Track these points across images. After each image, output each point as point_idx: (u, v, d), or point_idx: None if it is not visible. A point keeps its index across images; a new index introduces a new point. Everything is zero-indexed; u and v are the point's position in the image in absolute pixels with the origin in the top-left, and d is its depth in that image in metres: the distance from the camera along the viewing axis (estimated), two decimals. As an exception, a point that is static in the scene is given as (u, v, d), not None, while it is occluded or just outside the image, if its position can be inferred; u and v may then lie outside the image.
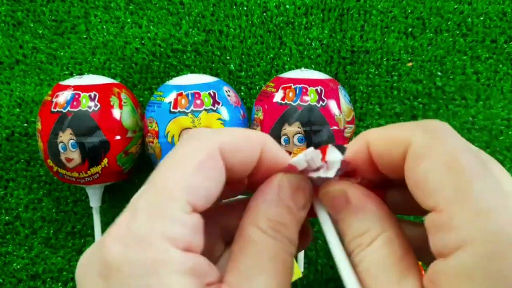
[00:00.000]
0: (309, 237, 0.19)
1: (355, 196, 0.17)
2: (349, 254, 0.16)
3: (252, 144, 0.17)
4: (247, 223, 0.16)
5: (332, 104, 0.34)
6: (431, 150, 0.14)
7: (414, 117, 0.40)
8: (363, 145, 0.17)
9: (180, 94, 0.34)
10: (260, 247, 0.15)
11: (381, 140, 0.16)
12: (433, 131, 0.15)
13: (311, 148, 0.17)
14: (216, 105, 0.34)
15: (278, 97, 0.34)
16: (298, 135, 0.33)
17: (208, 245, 0.18)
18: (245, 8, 0.42)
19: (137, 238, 0.13)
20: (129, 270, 0.13)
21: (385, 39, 0.41)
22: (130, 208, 0.15)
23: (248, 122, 0.37)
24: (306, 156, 0.17)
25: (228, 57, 0.42)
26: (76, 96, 0.34)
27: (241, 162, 0.16)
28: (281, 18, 0.41)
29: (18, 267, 0.41)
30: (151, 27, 0.42)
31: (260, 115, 0.35)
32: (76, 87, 0.35)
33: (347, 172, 0.18)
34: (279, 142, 0.34)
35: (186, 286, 0.13)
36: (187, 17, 0.42)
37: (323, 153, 0.17)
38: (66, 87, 0.35)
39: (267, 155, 0.17)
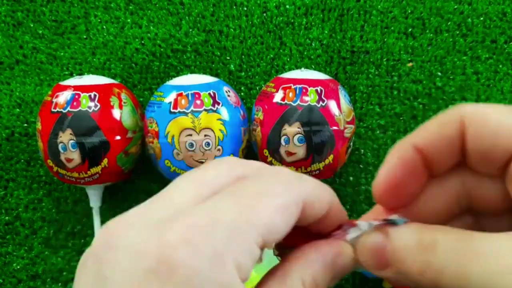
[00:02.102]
0: None
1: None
2: None
3: (325, 200, 0.16)
4: (295, 269, 0.16)
5: (332, 104, 0.34)
6: None
7: (414, 117, 0.40)
8: (455, 121, 0.16)
9: (180, 95, 0.34)
10: None
11: (488, 120, 0.15)
12: None
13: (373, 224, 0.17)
14: (216, 105, 0.34)
15: (278, 97, 0.34)
16: (298, 135, 0.33)
17: None
18: (245, 8, 0.42)
19: (214, 254, 0.13)
20: (197, 283, 0.12)
21: (385, 39, 0.41)
22: (207, 212, 0.14)
23: (248, 122, 0.37)
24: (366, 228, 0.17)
25: (228, 57, 0.42)
26: (76, 96, 0.34)
27: (310, 216, 0.16)
28: (281, 18, 0.41)
29: (18, 267, 0.41)
30: (151, 27, 0.42)
31: (260, 115, 0.35)
32: (76, 87, 0.35)
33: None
34: (279, 143, 0.34)
35: None
36: (187, 17, 0.42)
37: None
38: (66, 87, 0.35)
39: (332, 213, 0.17)
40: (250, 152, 0.38)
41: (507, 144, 0.15)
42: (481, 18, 0.40)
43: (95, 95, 0.34)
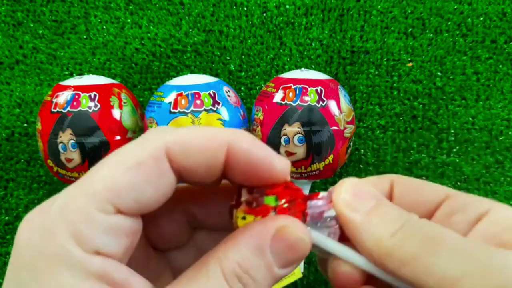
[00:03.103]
0: None
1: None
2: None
3: (212, 143, 0.14)
4: (214, 255, 0.14)
5: (332, 104, 0.34)
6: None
7: (414, 117, 0.40)
8: (386, 181, 0.18)
9: (180, 94, 0.34)
10: None
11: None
12: None
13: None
14: (216, 105, 0.34)
15: (278, 97, 0.34)
16: (298, 135, 0.33)
17: (174, 230, 0.18)
18: (245, 8, 0.42)
19: (45, 227, 0.13)
20: (26, 256, 0.13)
21: (385, 39, 0.41)
22: (60, 193, 0.14)
23: (248, 122, 0.37)
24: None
25: (228, 57, 0.42)
26: (76, 96, 0.34)
27: (197, 163, 0.14)
28: (281, 18, 0.41)
29: (18, 267, 0.41)
30: (151, 27, 0.42)
31: (260, 115, 0.35)
32: (76, 87, 0.35)
33: None
34: (279, 142, 0.34)
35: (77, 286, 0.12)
36: (187, 17, 0.42)
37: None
38: (66, 87, 0.35)
39: (236, 154, 0.15)
40: (250, 152, 0.38)
41: (428, 200, 0.17)
42: (481, 18, 0.40)
43: (95, 95, 0.34)
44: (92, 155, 0.34)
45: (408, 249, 0.14)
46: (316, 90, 0.34)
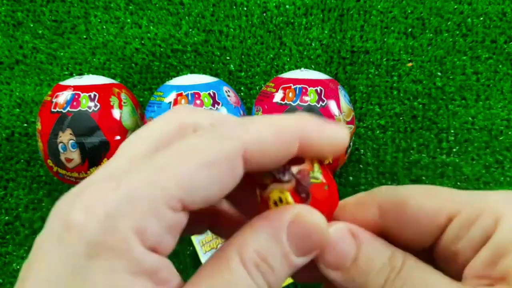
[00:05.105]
0: None
1: (361, 231, 0.16)
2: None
3: (286, 139, 0.14)
4: (233, 245, 0.14)
5: (332, 104, 0.34)
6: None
7: (414, 117, 0.40)
8: (372, 207, 0.16)
9: (180, 94, 0.34)
10: (232, 280, 0.13)
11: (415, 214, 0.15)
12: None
13: None
14: (216, 105, 0.34)
15: (278, 97, 0.34)
16: (298, 135, 0.33)
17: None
18: (245, 8, 0.42)
19: (107, 217, 0.12)
20: (82, 245, 0.12)
21: (385, 39, 0.41)
22: (118, 172, 0.13)
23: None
24: None
25: (228, 57, 0.42)
26: (76, 96, 0.34)
27: (269, 161, 0.14)
28: (281, 18, 0.41)
29: (18, 267, 0.41)
30: (151, 27, 0.42)
31: (260, 115, 0.35)
32: (76, 87, 0.35)
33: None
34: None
35: (133, 286, 0.12)
36: (187, 17, 0.42)
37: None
38: (66, 87, 0.35)
39: (309, 144, 0.15)
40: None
41: (429, 229, 0.15)
42: (481, 18, 0.40)
43: (95, 95, 0.34)
44: (92, 155, 0.34)
45: None
46: (316, 90, 0.34)
